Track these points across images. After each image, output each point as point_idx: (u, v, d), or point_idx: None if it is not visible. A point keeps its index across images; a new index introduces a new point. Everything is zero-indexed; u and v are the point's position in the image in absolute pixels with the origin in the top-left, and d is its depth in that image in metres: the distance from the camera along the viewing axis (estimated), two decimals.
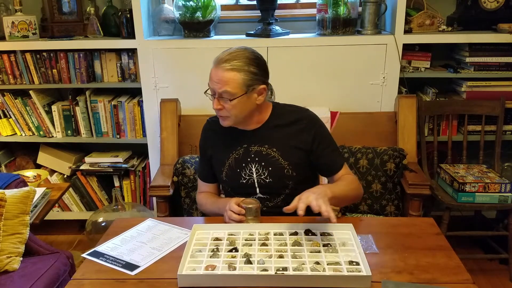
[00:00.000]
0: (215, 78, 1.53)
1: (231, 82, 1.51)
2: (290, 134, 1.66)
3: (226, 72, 1.51)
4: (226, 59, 1.52)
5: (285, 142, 1.65)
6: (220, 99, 1.55)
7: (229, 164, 1.69)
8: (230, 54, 1.54)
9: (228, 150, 1.70)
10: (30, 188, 1.94)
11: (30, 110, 2.79)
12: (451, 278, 1.25)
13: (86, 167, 2.84)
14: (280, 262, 1.29)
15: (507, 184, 2.25)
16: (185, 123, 2.48)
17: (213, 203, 1.73)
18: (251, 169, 1.66)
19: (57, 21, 2.81)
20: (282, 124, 1.67)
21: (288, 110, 1.71)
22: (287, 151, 1.65)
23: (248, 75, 1.54)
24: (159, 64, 2.56)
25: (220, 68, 1.52)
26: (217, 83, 1.53)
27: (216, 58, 1.56)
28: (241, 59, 1.53)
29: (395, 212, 2.25)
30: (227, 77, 1.51)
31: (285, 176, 1.64)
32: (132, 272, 1.31)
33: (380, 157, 2.24)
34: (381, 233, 1.49)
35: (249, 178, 1.67)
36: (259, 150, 1.66)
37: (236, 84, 1.52)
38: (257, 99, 1.60)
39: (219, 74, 1.52)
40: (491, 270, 2.53)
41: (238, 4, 2.86)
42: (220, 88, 1.53)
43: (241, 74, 1.52)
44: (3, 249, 1.78)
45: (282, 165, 1.64)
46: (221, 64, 1.52)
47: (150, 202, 2.88)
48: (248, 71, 1.54)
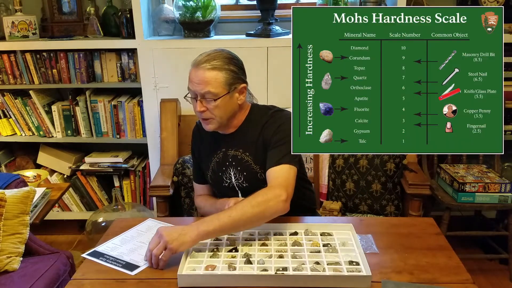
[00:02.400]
0: (196, 80, 1.51)
1: (213, 81, 1.50)
2: (260, 134, 1.61)
3: (208, 72, 1.50)
4: (205, 60, 1.51)
5: (256, 145, 1.62)
6: (203, 100, 1.53)
7: (212, 168, 1.69)
8: (208, 55, 1.52)
9: (211, 153, 1.69)
10: (30, 188, 1.94)
11: (30, 110, 2.80)
12: (451, 278, 1.25)
13: (86, 167, 2.84)
14: (280, 262, 1.29)
15: (507, 184, 2.25)
16: (185, 123, 2.48)
17: (211, 204, 1.72)
18: (230, 173, 1.65)
19: (57, 21, 2.81)
20: (255, 127, 1.63)
21: (263, 112, 1.65)
22: (259, 155, 1.61)
23: (229, 74, 1.52)
24: (159, 64, 2.56)
25: (201, 69, 1.50)
26: (198, 84, 1.51)
27: (194, 61, 1.54)
28: (220, 58, 1.52)
29: (395, 212, 2.25)
30: (209, 77, 1.50)
31: (259, 180, 1.60)
32: (132, 272, 1.31)
33: (380, 157, 2.24)
34: (381, 233, 1.49)
35: (229, 182, 1.66)
36: (235, 154, 1.64)
37: (218, 83, 1.51)
38: (238, 98, 1.58)
39: (200, 75, 1.50)
40: (491, 270, 2.53)
41: (238, 4, 2.86)
42: (202, 89, 1.50)
43: (222, 73, 1.51)
44: (3, 249, 1.78)
45: (254, 169, 1.61)
46: (201, 65, 1.51)
47: (150, 202, 2.88)
48: (228, 69, 1.53)
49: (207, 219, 1.36)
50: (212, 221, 1.34)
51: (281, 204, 1.40)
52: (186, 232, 1.31)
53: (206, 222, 1.34)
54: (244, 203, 1.40)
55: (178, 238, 1.29)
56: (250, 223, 1.40)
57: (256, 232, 1.45)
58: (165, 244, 1.29)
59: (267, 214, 1.40)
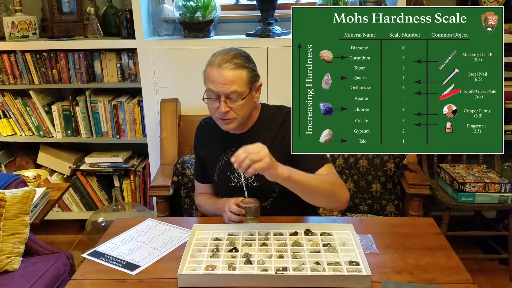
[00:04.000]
0: (221, 79, 1.49)
1: (238, 80, 1.50)
2: (276, 137, 1.61)
3: (232, 71, 1.49)
4: (226, 59, 1.50)
5: (270, 146, 1.55)
6: (227, 100, 1.51)
7: (219, 167, 1.68)
8: (227, 54, 1.51)
9: (219, 152, 1.68)
10: (30, 188, 1.94)
11: (30, 110, 2.80)
12: (451, 278, 1.25)
13: (86, 167, 2.84)
14: (280, 262, 1.29)
15: (507, 184, 2.25)
16: (185, 123, 2.48)
17: (212, 204, 1.72)
18: (240, 173, 1.62)
19: (57, 21, 2.82)
20: (268, 127, 1.63)
21: (275, 112, 1.66)
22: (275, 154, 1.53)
23: (250, 72, 1.53)
24: (159, 64, 2.56)
25: (224, 69, 1.49)
26: (223, 85, 1.49)
27: (213, 61, 1.52)
28: (240, 57, 1.52)
29: (395, 212, 2.25)
30: (234, 76, 1.49)
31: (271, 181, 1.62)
32: (132, 272, 1.31)
33: (380, 157, 2.25)
34: (381, 233, 1.49)
35: (237, 181, 1.65)
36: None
37: (243, 82, 1.51)
38: (255, 96, 1.59)
39: (224, 74, 1.49)
40: (491, 270, 2.53)
41: (238, 4, 2.86)
42: (228, 89, 1.49)
43: (244, 71, 1.51)
44: (3, 249, 1.78)
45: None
46: (223, 65, 1.49)
47: (150, 202, 2.88)
48: (249, 67, 1.53)
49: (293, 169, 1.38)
50: (297, 172, 1.38)
51: (347, 197, 1.50)
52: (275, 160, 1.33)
53: (292, 169, 1.37)
54: (321, 176, 1.46)
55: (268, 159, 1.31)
56: (321, 194, 1.45)
57: (256, 232, 1.45)
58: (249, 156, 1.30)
59: (336, 196, 1.47)
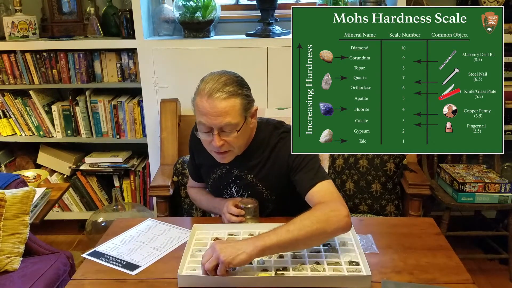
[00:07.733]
0: (212, 112, 1.36)
1: (232, 111, 1.37)
2: (269, 157, 1.55)
3: (224, 102, 1.36)
4: (217, 88, 1.36)
5: (263, 167, 1.55)
6: (221, 133, 1.40)
7: (213, 179, 1.65)
8: (218, 82, 1.38)
9: (213, 166, 1.62)
10: (30, 188, 1.94)
11: (30, 110, 2.80)
12: (451, 278, 1.25)
13: (86, 167, 2.84)
14: (280, 262, 1.29)
15: (507, 184, 2.25)
16: (185, 123, 2.49)
17: (208, 200, 1.71)
18: (232, 189, 1.62)
19: (57, 21, 2.82)
20: (262, 148, 1.55)
21: (271, 133, 1.56)
22: (266, 177, 1.55)
23: (244, 98, 1.41)
24: (159, 64, 2.56)
25: (216, 100, 1.35)
26: (215, 117, 1.36)
27: (203, 90, 1.38)
28: (231, 83, 1.39)
29: (395, 212, 2.25)
30: (227, 107, 1.36)
31: (264, 199, 1.58)
32: (132, 272, 1.31)
33: (380, 157, 2.25)
34: (381, 233, 1.49)
35: (230, 195, 1.64)
36: (239, 174, 1.57)
37: (237, 112, 1.39)
38: (251, 123, 1.48)
39: (215, 106, 1.35)
40: (491, 270, 2.53)
41: (238, 4, 2.86)
42: (221, 122, 1.37)
43: (238, 99, 1.39)
44: (3, 249, 1.78)
45: (260, 190, 1.57)
46: (214, 95, 1.35)
47: (150, 202, 2.88)
48: (242, 94, 1.41)
49: (263, 234, 1.25)
50: (269, 236, 1.23)
51: (343, 219, 1.30)
52: (242, 247, 1.19)
53: (263, 237, 1.23)
54: (302, 218, 1.28)
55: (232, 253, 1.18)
56: (310, 239, 1.27)
57: (256, 232, 1.45)
58: (218, 257, 1.18)
59: (329, 230, 1.28)
